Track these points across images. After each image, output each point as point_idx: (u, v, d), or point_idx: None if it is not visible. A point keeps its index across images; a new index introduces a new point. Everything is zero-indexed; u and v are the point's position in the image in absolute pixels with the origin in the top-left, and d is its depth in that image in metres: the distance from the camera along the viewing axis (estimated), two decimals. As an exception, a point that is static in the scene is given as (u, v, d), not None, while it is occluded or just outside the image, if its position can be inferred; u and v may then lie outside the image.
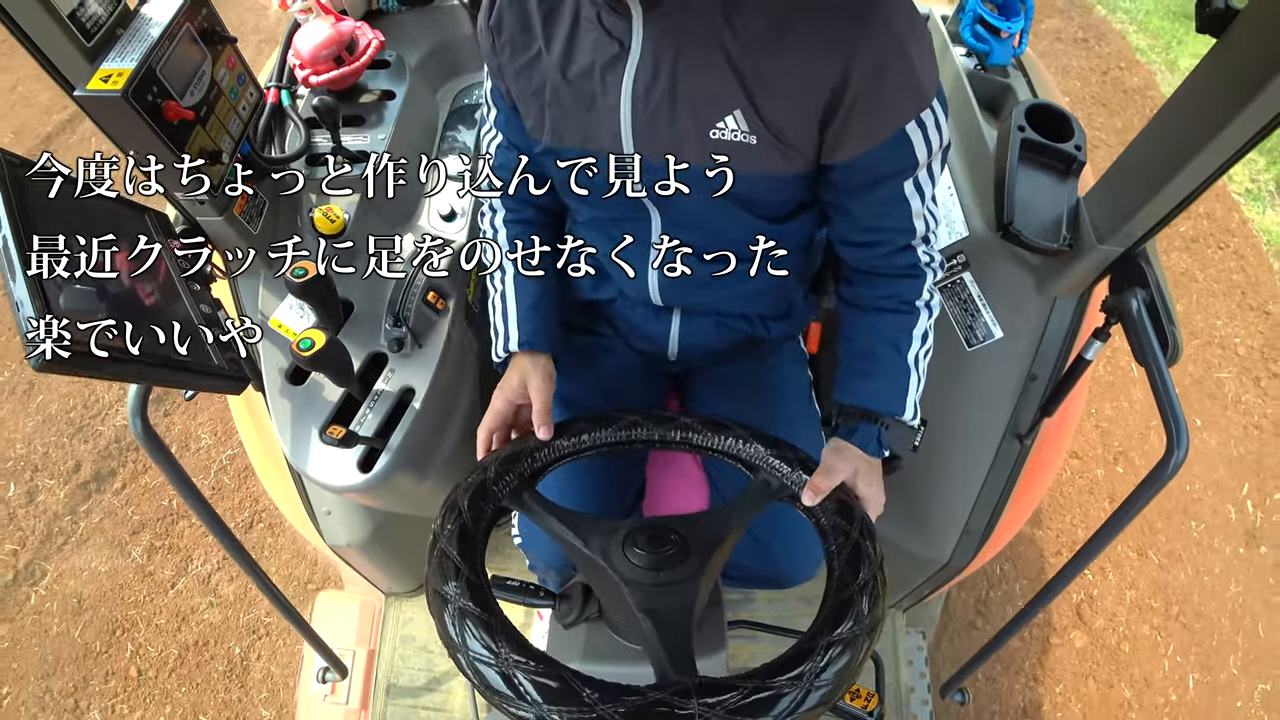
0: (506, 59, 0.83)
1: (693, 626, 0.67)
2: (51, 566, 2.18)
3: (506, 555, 1.59)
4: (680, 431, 0.86)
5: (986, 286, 1.12)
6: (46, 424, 2.43)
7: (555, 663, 0.59)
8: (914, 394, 0.88)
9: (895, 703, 1.46)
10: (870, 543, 0.73)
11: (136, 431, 0.90)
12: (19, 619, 2.10)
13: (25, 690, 2.00)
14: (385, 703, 1.46)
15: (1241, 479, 2.32)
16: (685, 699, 0.57)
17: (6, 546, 2.21)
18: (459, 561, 0.67)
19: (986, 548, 1.17)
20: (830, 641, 0.63)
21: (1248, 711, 1.94)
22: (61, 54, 0.78)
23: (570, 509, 0.77)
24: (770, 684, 0.59)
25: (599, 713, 0.56)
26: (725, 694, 0.57)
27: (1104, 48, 3.69)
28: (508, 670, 0.59)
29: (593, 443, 0.86)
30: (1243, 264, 2.86)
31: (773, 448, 0.83)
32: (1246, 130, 0.72)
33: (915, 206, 0.80)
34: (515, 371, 0.92)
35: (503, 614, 0.64)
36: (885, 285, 0.87)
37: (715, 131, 0.75)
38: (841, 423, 0.88)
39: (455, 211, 1.24)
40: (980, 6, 1.28)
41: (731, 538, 0.75)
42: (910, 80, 0.71)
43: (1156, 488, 0.84)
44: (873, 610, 0.67)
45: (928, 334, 0.88)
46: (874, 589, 0.68)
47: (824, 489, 0.78)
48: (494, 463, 0.81)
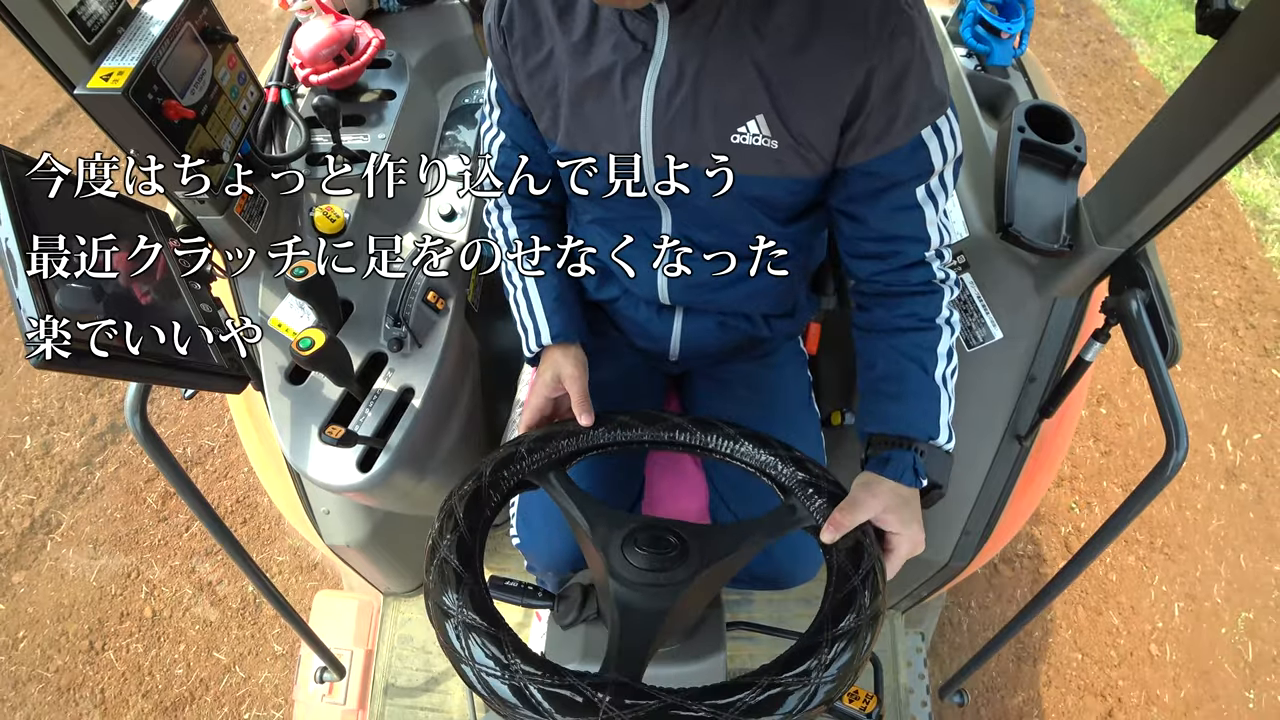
0: (519, 60, 0.82)
1: (660, 633, 0.67)
2: (67, 515, 2.24)
3: (505, 556, 1.59)
4: (726, 441, 0.85)
5: (986, 287, 1.12)
6: (62, 380, 2.49)
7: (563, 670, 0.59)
8: (946, 415, 0.83)
9: (894, 704, 1.45)
10: (876, 584, 0.70)
11: (135, 430, 0.90)
12: (35, 566, 2.16)
13: (41, 634, 2.05)
14: (383, 703, 1.46)
15: (1220, 420, 2.43)
16: (696, 703, 0.57)
17: (23, 496, 2.27)
18: (466, 530, 0.68)
19: (986, 549, 1.16)
20: (835, 635, 0.63)
21: (1231, 638, 2.03)
22: (62, 52, 0.78)
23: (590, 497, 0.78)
24: (778, 680, 0.59)
25: None
26: (738, 694, 0.57)
27: (1084, 21, 3.81)
28: (518, 683, 0.58)
29: (635, 439, 0.86)
30: (1219, 222, 2.97)
31: (807, 473, 0.80)
32: (1247, 131, 0.72)
33: (929, 214, 0.79)
34: (548, 366, 0.92)
35: (498, 615, 0.64)
36: (902, 304, 0.84)
37: (737, 136, 0.76)
38: (871, 454, 0.82)
39: (455, 211, 1.24)
40: (980, 7, 1.28)
41: (739, 556, 0.73)
42: (929, 85, 0.71)
43: (1157, 488, 0.84)
44: (874, 602, 0.67)
45: (952, 352, 0.84)
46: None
47: (845, 526, 0.73)
48: (526, 441, 0.83)
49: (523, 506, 1.05)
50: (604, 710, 0.56)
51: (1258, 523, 2.22)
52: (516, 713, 0.57)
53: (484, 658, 0.60)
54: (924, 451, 0.80)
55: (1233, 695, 1.95)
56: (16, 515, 2.24)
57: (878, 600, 0.68)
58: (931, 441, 0.81)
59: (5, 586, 2.13)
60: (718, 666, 0.92)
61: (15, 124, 3.16)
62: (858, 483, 0.79)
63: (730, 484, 1.04)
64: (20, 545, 2.19)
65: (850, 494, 0.77)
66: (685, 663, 0.91)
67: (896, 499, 0.77)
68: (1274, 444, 2.38)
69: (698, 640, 0.92)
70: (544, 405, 0.91)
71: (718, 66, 0.73)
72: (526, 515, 1.04)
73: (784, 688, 0.59)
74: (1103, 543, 0.91)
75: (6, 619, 2.08)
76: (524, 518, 1.04)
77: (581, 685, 0.57)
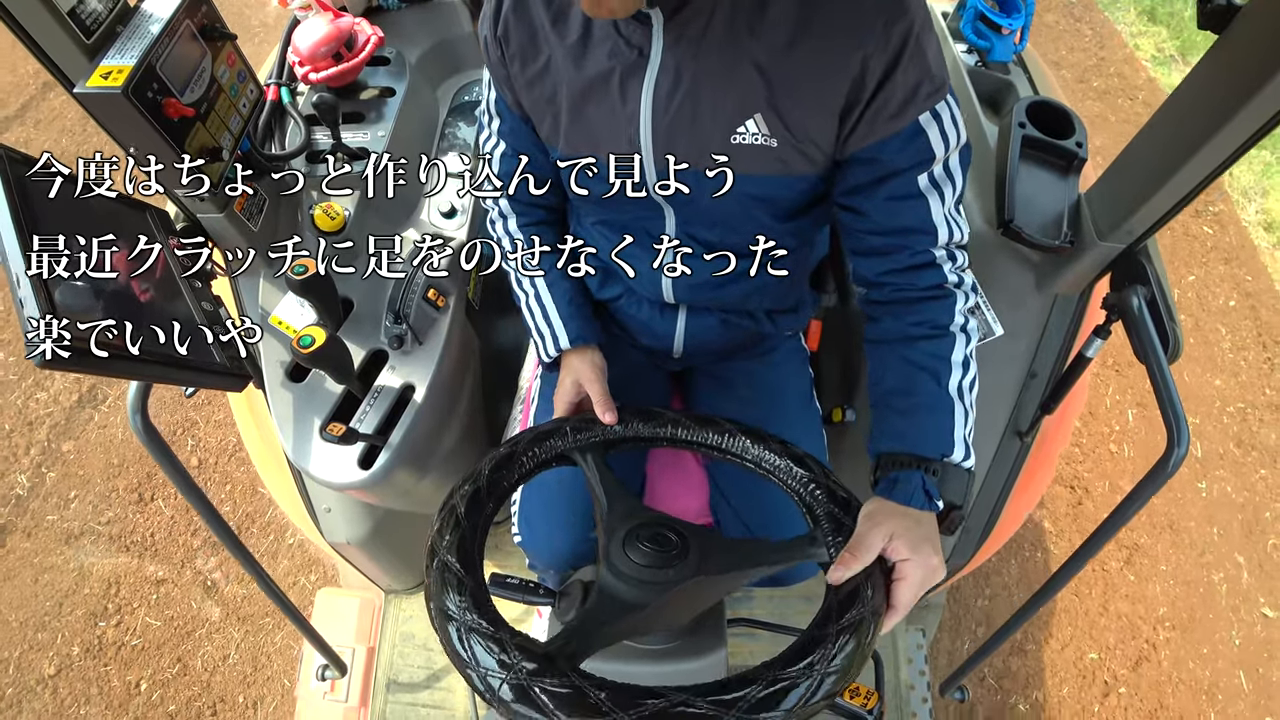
0: (517, 69, 0.82)
1: (626, 626, 0.67)
2: (113, 389, 2.39)
3: (506, 553, 1.59)
4: (773, 456, 0.84)
5: (987, 284, 1.12)
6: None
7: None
8: (962, 429, 0.77)
9: (895, 700, 1.46)
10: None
11: (136, 428, 0.90)
12: (83, 435, 2.33)
13: (92, 491, 2.23)
14: (385, 700, 1.46)
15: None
16: (699, 700, 0.56)
17: (70, 375, 2.37)
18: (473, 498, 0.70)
19: (986, 545, 1.17)
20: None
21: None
22: (61, 51, 0.78)
23: (594, 493, 0.79)
24: (783, 675, 0.59)
25: None
26: (743, 689, 0.57)
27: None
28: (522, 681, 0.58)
29: (687, 439, 0.87)
30: (1149, 111, 3.14)
31: (839, 506, 0.77)
32: (1248, 127, 0.72)
33: (934, 205, 0.77)
34: (567, 372, 0.93)
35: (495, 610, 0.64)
36: (911, 311, 0.80)
37: (736, 136, 0.76)
38: (879, 476, 0.77)
39: (455, 209, 1.24)
40: (981, 3, 1.28)
41: (739, 575, 0.72)
42: (925, 70, 0.71)
43: (1158, 484, 0.84)
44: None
45: (969, 362, 0.79)
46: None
47: (852, 568, 0.67)
48: (570, 421, 0.86)
49: (524, 504, 1.05)
50: (515, 670, 0.57)
51: (1198, 346, 2.59)
52: None
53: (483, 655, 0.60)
54: (936, 470, 0.75)
55: (1186, 486, 2.29)
56: (64, 392, 2.41)
57: (854, 656, 0.63)
58: (945, 459, 0.75)
59: (56, 455, 2.30)
60: (718, 663, 0.93)
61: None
62: (863, 514, 0.73)
63: (733, 483, 1.04)
64: (69, 418, 2.36)
65: (858, 528, 0.72)
66: (686, 659, 0.91)
67: (905, 524, 0.70)
68: (1206, 283, 2.76)
69: (698, 637, 0.92)
70: (569, 411, 0.91)
71: (714, 68, 0.73)
72: (528, 513, 1.04)
73: (698, 710, 0.57)
74: (1104, 538, 0.91)
75: (58, 483, 2.25)
76: (525, 515, 1.04)
77: (510, 644, 0.59)
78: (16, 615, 2.03)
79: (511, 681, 0.57)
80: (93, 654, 1.98)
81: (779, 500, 0.87)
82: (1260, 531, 2.22)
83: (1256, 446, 2.38)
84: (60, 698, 1.91)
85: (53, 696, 1.91)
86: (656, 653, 0.93)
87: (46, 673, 1.95)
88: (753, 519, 1.02)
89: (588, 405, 0.90)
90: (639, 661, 0.93)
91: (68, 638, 2.00)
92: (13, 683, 1.93)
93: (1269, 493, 2.29)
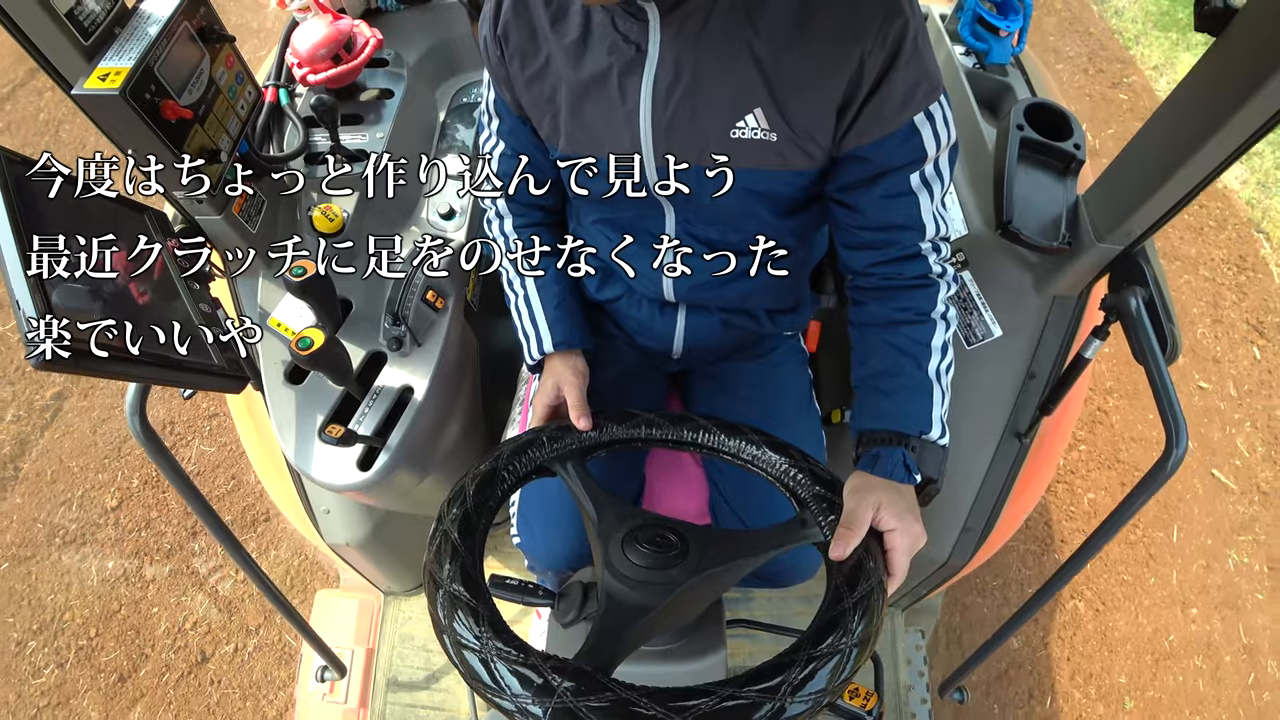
0: (516, 69, 0.83)
1: (642, 630, 0.67)
2: None
3: (505, 555, 1.59)
4: (750, 447, 0.85)
5: (985, 285, 1.12)
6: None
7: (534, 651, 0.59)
8: (939, 409, 0.82)
9: (894, 701, 1.46)
10: (878, 597, 0.68)
11: (135, 430, 0.90)
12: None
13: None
14: (384, 701, 1.46)
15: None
16: (744, 690, 0.56)
17: None
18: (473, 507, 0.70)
19: (985, 546, 1.17)
20: (811, 656, 0.61)
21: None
22: (59, 52, 0.78)
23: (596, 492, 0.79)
24: (817, 653, 0.59)
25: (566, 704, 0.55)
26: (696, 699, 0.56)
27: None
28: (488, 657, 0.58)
29: (662, 437, 0.87)
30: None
31: (825, 487, 0.79)
32: (1246, 128, 0.72)
33: (924, 202, 0.79)
34: (549, 376, 0.93)
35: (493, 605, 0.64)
36: (896, 298, 0.84)
37: (736, 131, 0.76)
38: (862, 452, 0.82)
39: (454, 210, 1.24)
40: (979, 5, 1.28)
41: (740, 565, 0.72)
42: (922, 70, 0.72)
43: (1157, 485, 0.84)
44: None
45: (947, 347, 0.84)
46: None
47: (852, 541, 0.71)
48: (548, 430, 0.85)
49: (523, 506, 1.05)
50: (559, 694, 0.56)
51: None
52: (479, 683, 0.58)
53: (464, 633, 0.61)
54: (915, 447, 0.79)
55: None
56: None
57: (871, 626, 0.65)
58: (924, 436, 0.80)
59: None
60: (718, 664, 0.92)
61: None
62: (848, 489, 0.77)
63: (732, 483, 1.04)
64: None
65: (845, 505, 0.75)
66: (685, 661, 0.91)
67: (889, 496, 0.75)
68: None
69: (698, 638, 0.92)
70: (547, 415, 0.91)
71: (714, 62, 0.73)
72: (526, 515, 1.04)
73: (745, 700, 0.57)
74: (1102, 539, 0.91)
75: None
76: (524, 518, 1.04)
77: (544, 667, 0.57)
78: (78, 462, 2.27)
79: (557, 705, 0.56)
80: (151, 485, 2.23)
81: (776, 498, 0.88)
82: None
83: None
84: (122, 526, 2.16)
85: (115, 527, 2.15)
86: (657, 654, 0.93)
87: (109, 505, 2.19)
88: (751, 518, 1.02)
89: (565, 410, 0.90)
90: (639, 663, 0.93)
91: (127, 474, 2.25)
92: (75, 519, 2.17)
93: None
